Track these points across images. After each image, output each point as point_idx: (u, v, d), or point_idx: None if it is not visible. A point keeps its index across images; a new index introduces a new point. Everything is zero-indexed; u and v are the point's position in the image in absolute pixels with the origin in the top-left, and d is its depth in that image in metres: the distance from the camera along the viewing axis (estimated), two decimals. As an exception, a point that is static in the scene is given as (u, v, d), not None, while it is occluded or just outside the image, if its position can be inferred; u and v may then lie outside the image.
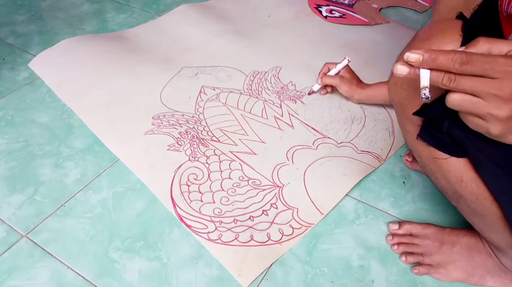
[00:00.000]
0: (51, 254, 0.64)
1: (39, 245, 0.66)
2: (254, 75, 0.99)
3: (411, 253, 0.65)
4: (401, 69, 0.36)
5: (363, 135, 0.84)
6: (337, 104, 0.92)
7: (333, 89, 0.93)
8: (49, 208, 0.71)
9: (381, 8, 1.29)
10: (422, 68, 0.35)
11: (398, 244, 0.66)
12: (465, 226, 0.65)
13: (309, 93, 0.94)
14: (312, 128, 0.86)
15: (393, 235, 0.67)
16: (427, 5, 1.31)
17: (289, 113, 0.89)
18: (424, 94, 0.35)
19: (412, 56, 0.35)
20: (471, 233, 0.63)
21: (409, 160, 0.79)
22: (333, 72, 0.90)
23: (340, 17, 1.23)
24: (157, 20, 1.20)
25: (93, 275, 0.62)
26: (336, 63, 0.90)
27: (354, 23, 1.20)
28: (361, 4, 1.30)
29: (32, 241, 0.66)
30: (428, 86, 0.35)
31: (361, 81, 0.90)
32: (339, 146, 0.82)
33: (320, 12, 1.25)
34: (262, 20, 1.20)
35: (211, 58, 1.05)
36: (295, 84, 0.97)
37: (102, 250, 0.65)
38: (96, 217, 0.70)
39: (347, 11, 1.26)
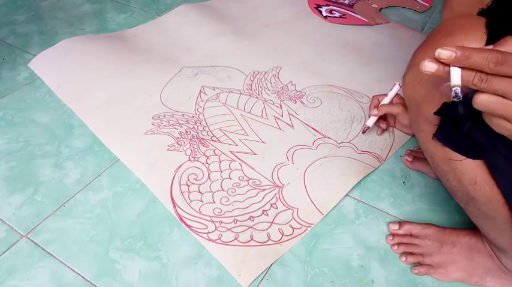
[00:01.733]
0: (51, 254, 0.64)
1: (39, 245, 0.66)
2: (254, 75, 0.99)
3: (411, 253, 0.65)
4: (430, 66, 0.34)
5: (363, 135, 0.84)
6: (337, 104, 0.92)
7: (389, 125, 0.85)
8: (49, 208, 0.71)
9: (381, 8, 1.29)
10: (454, 65, 0.34)
11: (399, 244, 0.66)
12: (465, 226, 0.65)
13: (363, 131, 0.82)
14: (312, 128, 0.86)
15: (393, 235, 0.67)
16: (427, 5, 1.31)
17: (289, 113, 0.89)
18: (456, 93, 0.34)
19: (444, 53, 0.33)
20: (472, 233, 0.63)
21: (409, 159, 0.78)
22: (386, 101, 0.80)
23: (340, 17, 1.23)
24: (157, 20, 1.20)
25: (93, 275, 0.62)
26: (383, 95, 0.80)
27: (354, 23, 1.20)
28: (361, 4, 1.30)
29: (32, 241, 0.66)
30: (460, 84, 0.34)
31: None
32: (339, 146, 0.82)
33: (320, 12, 1.25)
34: (262, 20, 1.20)
35: (211, 58, 1.05)
36: (295, 84, 0.97)
37: (102, 250, 0.65)
38: (96, 217, 0.70)
39: (347, 11, 1.26)
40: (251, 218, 0.69)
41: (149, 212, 0.70)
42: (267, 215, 0.70)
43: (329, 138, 0.83)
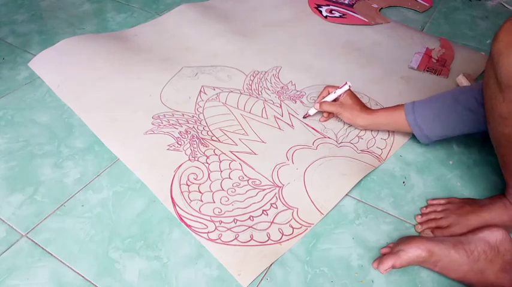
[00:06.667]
0: (51, 254, 0.64)
1: (39, 245, 0.66)
2: (254, 75, 0.99)
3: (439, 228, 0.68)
4: None
5: (363, 135, 0.84)
6: (337, 104, 0.92)
7: (332, 115, 0.87)
8: (49, 208, 0.71)
9: (381, 8, 1.29)
10: None
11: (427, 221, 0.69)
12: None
13: (304, 117, 0.87)
14: (312, 128, 0.86)
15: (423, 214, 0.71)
16: (427, 5, 1.32)
17: (289, 113, 0.89)
18: None
19: None
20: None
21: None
22: (330, 97, 0.84)
23: (340, 17, 1.23)
24: (157, 20, 1.20)
25: (93, 275, 0.62)
26: (336, 87, 0.84)
27: (354, 23, 1.20)
28: (361, 4, 1.30)
29: (32, 240, 0.66)
30: None
31: (365, 106, 0.83)
32: (338, 146, 0.82)
33: (320, 12, 1.25)
34: (262, 20, 1.20)
35: (211, 58, 1.05)
36: (295, 84, 0.97)
37: (102, 249, 0.65)
38: (96, 217, 0.70)
39: (347, 11, 1.26)
40: (251, 218, 0.69)
41: (149, 212, 0.70)
42: (267, 215, 0.70)
43: (329, 138, 0.83)
